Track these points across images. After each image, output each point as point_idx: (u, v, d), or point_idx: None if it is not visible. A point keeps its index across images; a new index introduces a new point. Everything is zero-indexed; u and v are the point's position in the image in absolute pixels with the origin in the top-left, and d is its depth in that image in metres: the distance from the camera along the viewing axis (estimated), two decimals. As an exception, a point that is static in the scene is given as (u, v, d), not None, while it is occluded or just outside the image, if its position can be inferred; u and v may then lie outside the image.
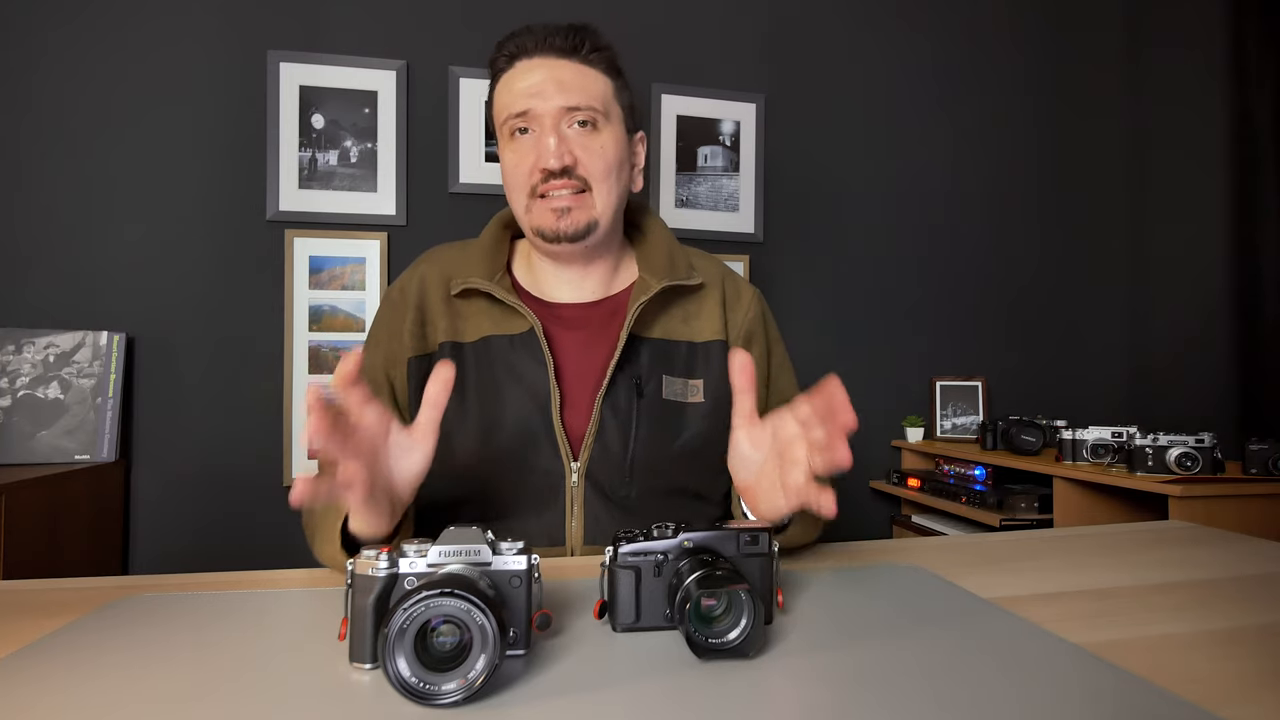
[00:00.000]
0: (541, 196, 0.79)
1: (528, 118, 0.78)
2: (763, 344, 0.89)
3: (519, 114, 0.79)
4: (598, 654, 0.47)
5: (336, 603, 0.57)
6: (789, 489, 0.56)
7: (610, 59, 0.82)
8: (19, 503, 1.32)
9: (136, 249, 1.76)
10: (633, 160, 0.86)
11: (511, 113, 0.79)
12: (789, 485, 0.56)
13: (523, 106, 0.78)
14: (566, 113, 0.78)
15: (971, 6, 2.29)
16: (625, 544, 0.50)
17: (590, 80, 0.80)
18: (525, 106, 0.78)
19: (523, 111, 0.78)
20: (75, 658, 0.46)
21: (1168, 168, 2.27)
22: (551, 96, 0.77)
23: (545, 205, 0.79)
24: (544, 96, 0.78)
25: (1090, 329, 2.37)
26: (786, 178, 2.16)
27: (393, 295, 0.86)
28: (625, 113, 0.84)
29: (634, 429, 0.79)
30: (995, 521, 1.72)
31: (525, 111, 0.78)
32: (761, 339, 0.89)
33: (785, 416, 0.57)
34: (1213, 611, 0.56)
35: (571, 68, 0.79)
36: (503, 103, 0.81)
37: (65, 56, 1.73)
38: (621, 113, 0.83)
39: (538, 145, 0.78)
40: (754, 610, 0.45)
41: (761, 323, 0.90)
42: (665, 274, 0.84)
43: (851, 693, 0.41)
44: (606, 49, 0.82)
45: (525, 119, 0.79)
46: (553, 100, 0.77)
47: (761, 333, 0.89)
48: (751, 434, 0.60)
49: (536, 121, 0.78)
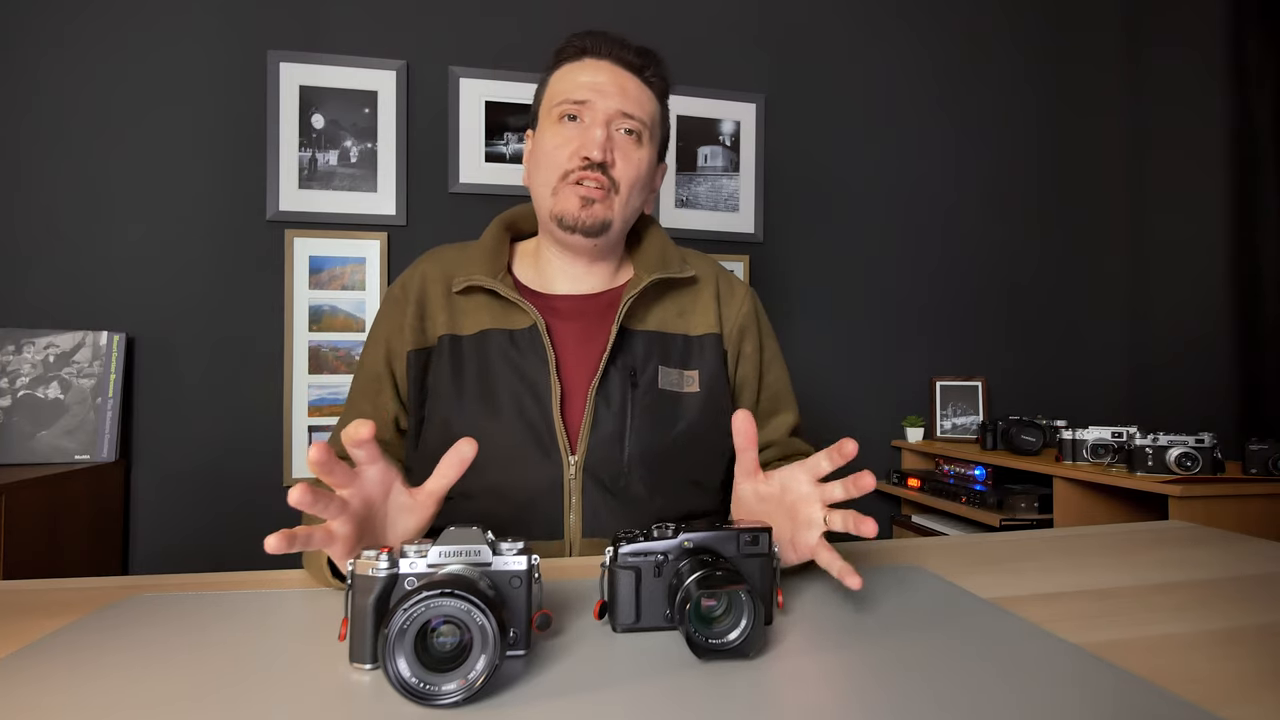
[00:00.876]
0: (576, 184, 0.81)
1: (584, 107, 0.81)
2: (755, 339, 0.91)
3: (577, 101, 0.81)
4: (598, 654, 0.47)
5: (336, 603, 0.58)
6: (800, 547, 0.57)
7: (665, 89, 0.88)
8: (19, 503, 1.32)
9: (136, 249, 1.76)
10: (653, 184, 0.90)
11: (570, 98, 0.82)
12: (800, 544, 0.57)
13: (583, 96, 0.81)
14: (620, 116, 0.82)
15: (971, 6, 2.29)
16: (625, 544, 0.50)
17: (646, 98, 0.85)
18: (585, 97, 0.81)
19: (581, 100, 0.81)
20: (75, 658, 0.46)
21: (1168, 168, 2.27)
22: (613, 97, 0.81)
23: (575, 191, 0.81)
24: (605, 94, 0.81)
25: (1090, 329, 2.37)
26: (786, 178, 2.16)
27: (394, 292, 0.88)
28: (661, 141, 0.89)
29: (629, 420, 0.80)
30: (995, 521, 1.72)
31: (584, 101, 0.81)
32: (754, 335, 0.91)
33: (797, 474, 0.58)
34: (1213, 611, 0.56)
35: (634, 81, 0.84)
36: (561, 87, 0.84)
37: (65, 57, 1.73)
38: (659, 138, 0.88)
39: (585, 134, 0.81)
40: (754, 610, 0.45)
41: (754, 318, 0.92)
42: (658, 268, 0.87)
43: (852, 693, 0.41)
44: (665, 80, 0.88)
45: (581, 108, 0.82)
46: (613, 100, 0.81)
47: (754, 328, 0.91)
48: (758, 489, 0.62)
49: (591, 113, 0.81)
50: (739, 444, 0.61)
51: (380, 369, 0.84)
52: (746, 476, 0.62)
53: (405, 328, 0.84)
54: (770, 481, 0.61)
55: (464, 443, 0.56)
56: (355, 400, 0.86)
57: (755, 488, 0.62)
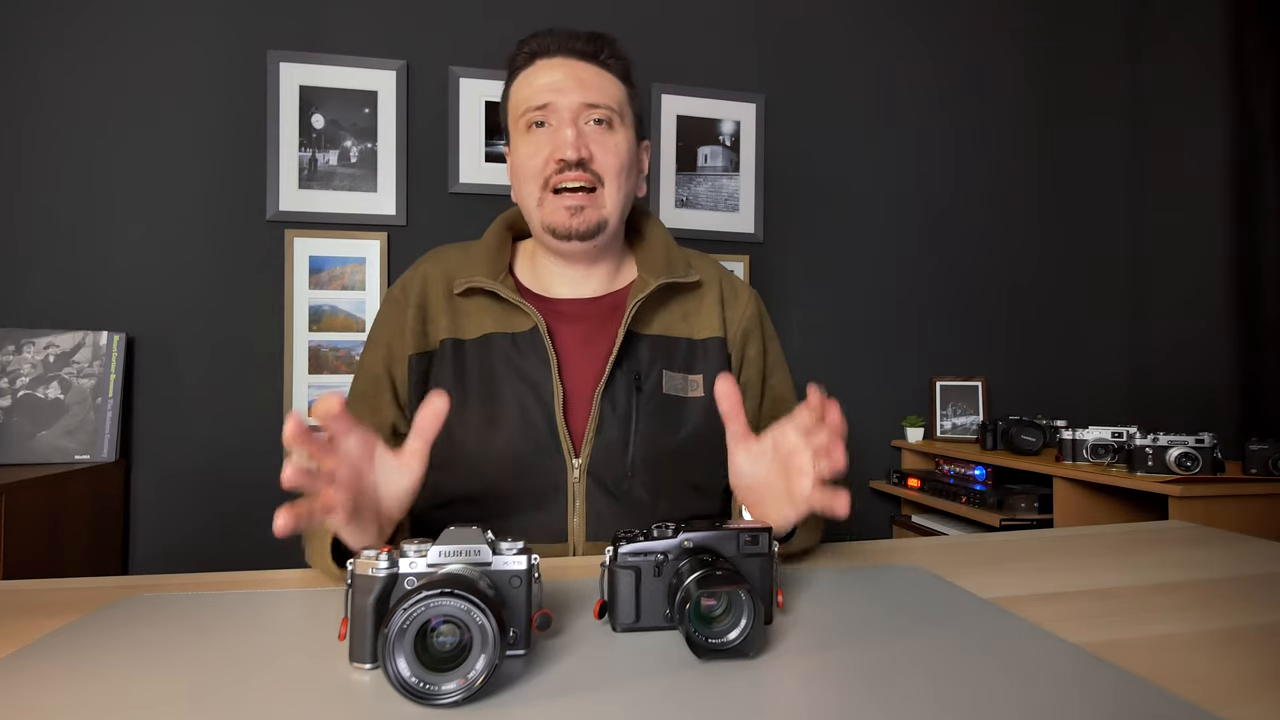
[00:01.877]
0: (555, 192, 0.80)
1: (547, 111, 0.80)
2: (759, 342, 0.90)
3: (539, 107, 0.80)
4: (598, 654, 0.47)
5: (336, 603, 0.57)
6: (796, 497, 0.57)
7: (625, 68, 0.86)
8: (19, 503, 1.32)
9: (136, 249, 1.76)
10: (639, 165, 0.89)
11: (531, 105, 0.81)
12: (796, 494, 0.56)
13: (543, 100, 0.80)
14: (585, 109, 0.80)
15: (972, 6, 2.29)
16: (625, 544, 0.51)
17: (607, 83, 0.83)
18: (546, 100, 0.80)
19: (543, 105, 0.80)
20: (75, 658, 0.46)
21: (1168, 168, 2.27)
22: (572, 92, 0.80)
23: (559, 202, 0.80)
24: (564, 92, 0.80)
25: (1090, 329, 2.37)
26: (786, 178, 2.16)
27: (394, 294, 0.87)
28: (636, 119, 0.87)
29: (634, 424, 0.80)
30: (995, 521, 1.72)
31: (545, 105, 0.80)
32: (758, 338, 0.90)
33: (785, 428, 0.58)
34: (1213, 611, 0.56)
35: (590, 69, 0.82)
36: (521, 96, 0.83)
37: (65, 57, 1.73)
38: (633, 118, 0.86)
39: (555, 137, 0.80)
40: (754, 610, 0.45)
41: (758, 321, 0.91)
42: (663, 272, 0.85)
43: (852, 693, 0.41)
44: (623, 59, 0.86)
45: (544, 112, 0.80)
46: (573, 96, 0.80)
47: (758, 331, 0.91)
48: (750, 450, 0.61)
49: (555, 115, 0.80)
50: (724, 409, 0.60)
51: (379, 372, 0.83)
52: (738, 443, 0.62)
53: (406, 330, 0.83)
54: (762, 442, 0.61)
55: (436, 395, 0.57)
56: (353, 404, 0.85)
57: (747, 449, 0.61)
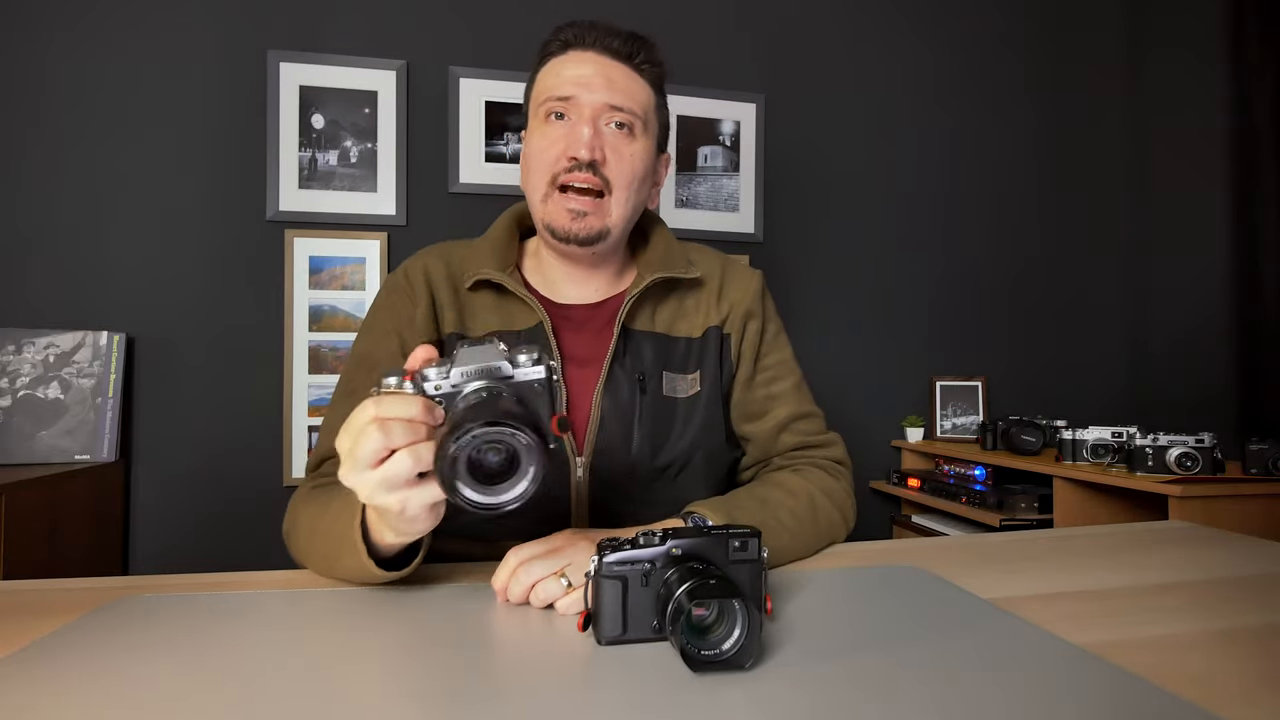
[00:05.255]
0: (562, 189, 0.78)
1: (569, 104, 0.77)
2: (759, 320, 0.89)
3: (562, 98, 0.77)
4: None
5: (336, 602, 0.57)
6: None
7: (659, 76, 0.83)
8: (19, 503, 1.32)
9: (136, 249, 1.76)
10: (655, 178, 0.86)
11: (554, 95, 0.78)
12: None
13: (568, 92, 0.77)
14: (608, 110, 0.77)
15: (972, 6, 2.29)
16: (610, 552, 0.48)
17: (637, 87, 0.80)
18: (570, 93, 0.77)
19: (566, 96, 0.77)
20: (75, 658, 0.46)
21: (1168, 168, 2.27)
22: (598, 90, 0.77)
23: (563, 202, 0.78)
24: (591, 88, 0.77)
25: (1090, 329, 2.37)
26: (786, 178, 2.15)
27: (399, 282, 0.83)
28: (660, 129, 0.85)
29: (636, 423, 0.80)
30: (995, 522, 1.71)
31: (569, 97, 0.77)
32: (758, 316, 0.90)
33: None
34: (1213, 611, 0.56)
35: (622, 70, 0.79)
36: (547, 84, 0.80)
37: (65, 57, 1.73)
38: (657, 128, 0.84)
39: (571, 133, 0.77)
40: (748, 619, 0.43)
41: (760, 300, 0.91)
42: (660, 268, 0.84)
43: (851, 694, 0.41)
44: (659, 65, 0.82)
45: (566, 104, 0.78)
46: (598, 94, 0.77)
47: (759, 310, 0.90)
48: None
49: (577, 110, 0.77)
50: None
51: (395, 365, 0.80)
52: None
53: (418, 319, 0.80)
54: None
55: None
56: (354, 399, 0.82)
57: None
